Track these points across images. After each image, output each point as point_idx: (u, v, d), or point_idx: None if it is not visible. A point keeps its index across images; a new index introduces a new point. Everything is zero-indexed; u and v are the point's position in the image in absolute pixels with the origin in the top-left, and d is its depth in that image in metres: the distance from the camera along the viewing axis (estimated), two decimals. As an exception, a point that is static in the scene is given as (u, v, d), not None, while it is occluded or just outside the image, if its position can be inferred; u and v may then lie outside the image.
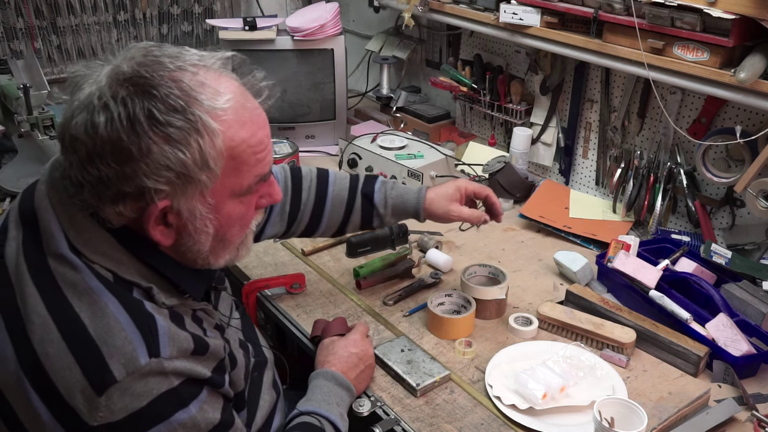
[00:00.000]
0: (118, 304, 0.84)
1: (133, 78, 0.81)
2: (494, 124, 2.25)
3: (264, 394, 1.13)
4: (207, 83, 0.85)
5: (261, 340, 1.24)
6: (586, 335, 1.40)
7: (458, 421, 1.21)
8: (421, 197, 1.39)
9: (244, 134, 0.88)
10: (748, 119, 1.61)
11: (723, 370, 1.31)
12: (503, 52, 2.16)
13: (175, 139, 0.81)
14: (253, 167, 0.91)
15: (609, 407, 1.13)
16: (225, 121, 0.85)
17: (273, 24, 2.22)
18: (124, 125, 0.80)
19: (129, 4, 2.42)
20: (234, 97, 0.88)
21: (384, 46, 2.55)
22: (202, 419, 0.88)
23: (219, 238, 0.92)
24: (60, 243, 0.85)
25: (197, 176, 0.84)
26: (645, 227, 1.81)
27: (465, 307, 1.45)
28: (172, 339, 0.85)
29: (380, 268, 1.61)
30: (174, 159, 0.82)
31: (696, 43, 1.46)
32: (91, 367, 0.80)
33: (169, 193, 0.84)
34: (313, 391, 1.18)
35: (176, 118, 0.81)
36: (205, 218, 0.89)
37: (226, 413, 0.93)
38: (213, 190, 0.87)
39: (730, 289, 1.44)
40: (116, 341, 0.81)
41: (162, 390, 0.83)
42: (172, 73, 0.83)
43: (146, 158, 0.81)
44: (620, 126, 1.88)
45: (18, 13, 2.26)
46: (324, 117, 2.31)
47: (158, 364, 0.83)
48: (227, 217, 0.91)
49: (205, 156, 0.84)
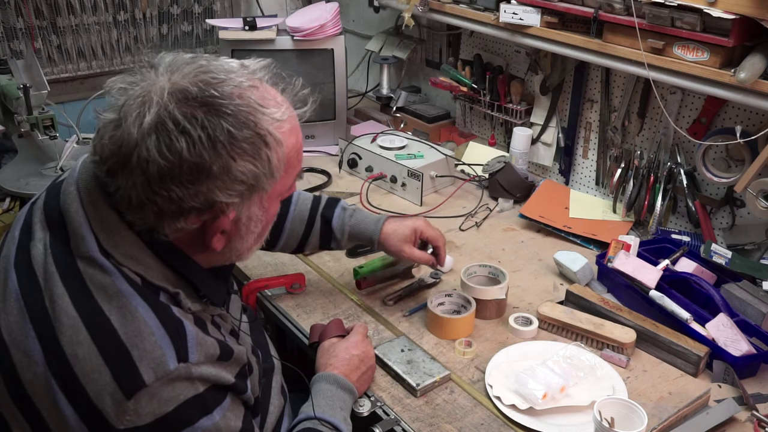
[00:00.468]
0: (147, 308, 0.84)
1: (201, 98, 0.82)
2: (494, 124, 2.25)
3: (273, 400, 1.14)
4: (267, 97, 0.89)
5: (270, 347, 1.25)
6: (586, 335, 1.40)
7: (458, 421, 1.21)
8: (377, 231, 1.43)
9: (293, 141, 0.92)
10: (748, 119, 1.61)
11: (723, 370, 1.31)
12: (503, 52, 2.16)
13: (249, 153, 0.84)
14: (296, 168, 0.95)
15: (609, 407, 1.13)
16: (285, 132, 0.89)
17: (273, 24, 2.22)
18: (206, 147, 0.81)
19: (129, 4, 2.42)
20: (288, 109, 0.92)
21: (384, 46, 2.55)
22: (225, 426, 0.88)
23: (260, 235, 0.96)
24: (90, 245, 0.85)
25: (264, 185, 0.88)
26: (645, 227, 1.81)
27: (465, 307, 1.45)
28: (199, 344, 0.86)
29: (380, 268, 1.61)
30: (248, 172, 0.85)
31: (696, 43, 1.46)
32: (121, 370, 0.81)
33: (238, 204, 0.87)
34: (316, 395, 1.18)
35: (248, 133, 0.84)
36: (258, 221, 0.93)
37: (246, 422, 0.94)
38: (270, 195, 0.92)
39: (730, 289, 1.44)
40: (146, 345, 0.82)
41: (189, 396, 0.84)
42: (235, 89, 0.85)
43: (224, 175, 0.83)
44: (620, 126, 1.88)
45: (18, 13, 2.26)
46: (324, 117, 2.31)
47: (186, 369, 0.83)
48: (271, 217, 0.96)
49: (273, 166, 0.87)
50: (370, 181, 2.04)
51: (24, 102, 1.88)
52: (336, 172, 2.15)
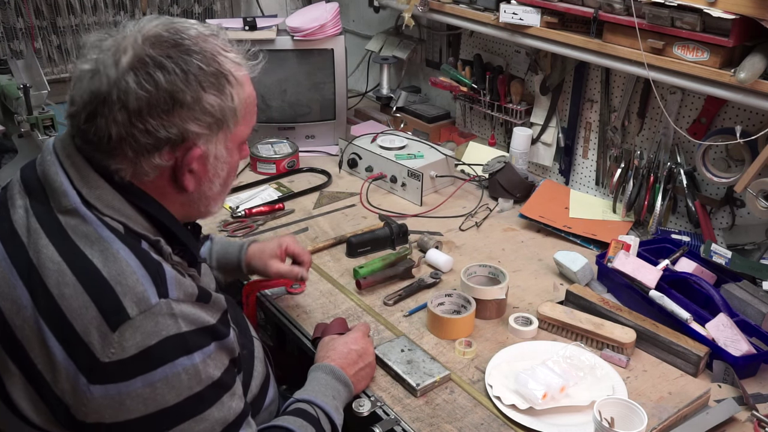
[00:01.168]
0: (128, 251, 0.89)
1: (173, 40, 0.92)
2: (494, 124, 2.25)
3: (257, 366, 1.19)
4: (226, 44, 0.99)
5: (248, 322, 1.29)
6: (586, 335, 1.40)
7: (458, 421, 1.21)
8: (243, 252, 1.46)
9: (250, 90, 1.01)
10: (748, 119, 1.61)
11: (723, 370, 1.31)
12: (503, 52, 2.16)
13: (215, 88, 0.94)
14: (252, 119, 1.03)
15: (609, 407, 1.13)
16: (243, 76, 0.99)
17: (273, 24, 2.22)
18: (180, 78, 0.90)
19: (129, 4, 2.42)
20: (243, 58, 1.00)
21: (384, 46, 2.55)
22: (203, 371, 0.91)
23: (225, 183, 1.04)
24: (73, 198, 0.91)
25: (228, 122, 0.97)
26: (645, 227, 1.81)
27: (465, 307, 1.45)
28: (179, 283, 0.91)
29: (380, 268, 1.61)
30: (216, 105, 0.94)
31: (696, 43, 1.46)
32: (106, 304, 0.85)
33: (207, 137, 0.95)
34: (310, 382, 1.21)
35: (214, 69, 0.94)
36: (224, 162, 1.00)
37: (227, 375, 0.96)
38: (233, 136, 0.99)
39: (730, 289, 1.44)
40: (129, 282, 0.87)
41: (171, 332, 0.87)
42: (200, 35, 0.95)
43: (196, 105, 0.92)
44: (620, 126, 1.88)
45: (18, 13, 2.26)
46: (324, 117, 2.31)
47: (167, 305, 0.88)
48: (234, 163, 1.03)
49: (235, 103, 0.96)
50: (370, 181, 2.04)
51: (24, 102, 1.88)
52: (336, 172, 2.15)
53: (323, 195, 2.03)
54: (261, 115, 2.34)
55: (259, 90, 2.33)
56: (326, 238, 1.78)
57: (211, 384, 0.92)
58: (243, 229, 1.82)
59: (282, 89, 2.26)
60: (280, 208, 1.91)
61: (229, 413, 0.95)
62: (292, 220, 1.89)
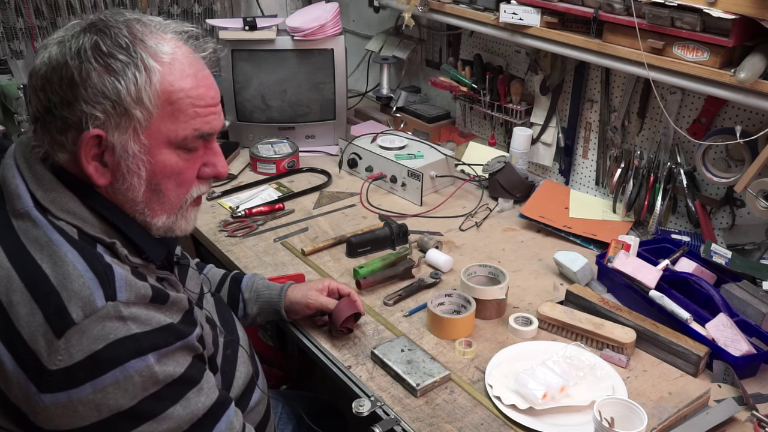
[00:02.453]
0: (77, 254, 0.88)
1: (92, 22, 0.92)
2: (494, 124, 2.25)
3: (240, 367, 1.17)
4: (156, 34, 0.95)
5: (236, 321, 1.28)
6: (586, 335, 1.40)
7: (458, 421, 1.21)
8: (286, 286, 1.43)
9: (184, 84, 0.94)
10: (748, 119, 1.61)
11: (723, 370, 1.31)
12: (503, 52, 2.16)
13: (114, 69, 0.89)
14: (192, 120, 0.95)
15: (609, 407, 1.13)
16: (166, 64, 0.92)
17: (273, 24, 2.22)
18: (71, 52, 0.89)
19: (129, 4, 2.42)
20: (180, 52, 0.95)
21: (384, 46, 2.55)
22: (160, 370, 0.89)
23: (153, 187, 0.96)
24: (26, 201, 0.91)
25: (132, 110, 0.90)
26: (645, 227, 1.81)
27: (465, 307, 1.45)
28: (129, 285, 0.89)
29: (380, 268, 1.61)
30: (111, 87, 0.89)
31: (696, 43, 1.46)
32: (52, 310, 0.84)
33: (104, 122, 0.90)
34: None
35: (119, 52, 0.90)
36: (137, 158, 0.93)
37: (192, 369, 0.94)
38: (148, 131, 0.93)
39: (730, 289, 1.44)
40: (74, 286, 0.85)
41: (119, 335, 0.86)
42: (128, 20, 0.93)
43: (86, 83, 0.88)
44: (620, 126, 1.88)
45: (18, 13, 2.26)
46: (324, 117, 2.31)
47: (115, 307, 0.86)
48: (162, 165, 0.95)
49: (140, 90, 0.90)
50: (370, 181, 2.04)
51: (24, 102, 1.88)
52: (336, 172, 2.15)
53: (323, 195, 2.03)
54: (261, 115, 2.38)
55: (259, 90, 2.35)
56: (326, 238, 1.78)
57: (172, 382, 0.91)
58: (243, 229, 1.82)
59: (282, 89, 2.26)
60: (280, 208, 1.91)
61: (197, 408, 0.94)
62: (292, 220, 1.89)
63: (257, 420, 1.19)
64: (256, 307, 1.42)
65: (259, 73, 2.23)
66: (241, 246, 1.75)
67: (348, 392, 1.30)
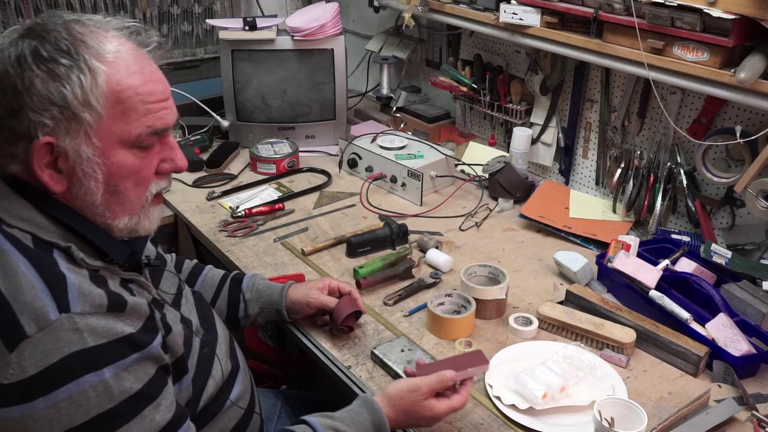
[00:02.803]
0: (28, 264, 0.87)
1: (29, 27, 0.90)
2: (494, 124, 2.25)
3: (216, 366, 1.14)
4: (97, 33, 0.92)
5: (216, 318, 1.25)
6: (586, 335, 1.40)
7: (458, 421, 1.21)
8: (287, 286, 1.41)
9: (132, 81, 0.92)
10: (748, 119, 1.61)
11: (723, 370, 1.31)
12: (503, 52, 2.16)
13: (57, 74, 0.87)
14: (144, 117, 0.94)
15: (609, 407, 1.13)
16: (111, 63, 0.91)
17: (273, 24, 2.22)
18: (11, 61, 0.87)
19: (129, 4, 2.42)
20: (125, 49, 0.93)
21: (384, 46, 2.55)
22: (116, 386, 0.87)
23: (111, 189, 0.95)
24: None
25: (80, 113, 0.89)
26: (645, 227, 1.81)
27: (465, 307, 1.45)
28: (82, 295, 0.87)
29: (380, 268, 1.61)
30: (56, 93, 0.87)
31: (696, 43, 1.46)
32: (4, 324, 0.83)
33: (54, 128, 0.88)
34: (349, 414, 1.12)
35: (61, 56, 0.88)
36: (92, 161, 0.92)
37: (151, 386, 0.92)
38: (100, 133, 0.91)
39: (730, 289, 1.44)
40: (26, 298, 0.84)
41: (74, 348, 0.84)
42: (66, 22, 0.91)
43: (30, 91, 0.87)
44: (620, 126, 1.88)
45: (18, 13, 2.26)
46: (324, 117, 2.31)
47: (69, 319, 0.84)
48: (118, 166, 0.94)
49: (87, 93, 0.88)
50: (370, 181, 2.04)
51: None
52: (336, 172, 2.15)
53: (323, 195, 2.03)
54: (261, 115, 2.37)
55: (259, 90, 2.34)
56: (326, 238, 1.78)
57: (128, 398, 0.88)
58: (243, 229, 1.82)
59: (282, 89, 2.26)
60: (280, 208, 1.91)
61: (152, 426, 0.91)
62: (292, 220, 1.89)
63: (239, 415, 1.18)
64: (257, 308, 1.41)
65: (259, 73, 2.23)
66: (241, 246, 1.75)
67: (348, 392, 1.30)
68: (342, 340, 1.41)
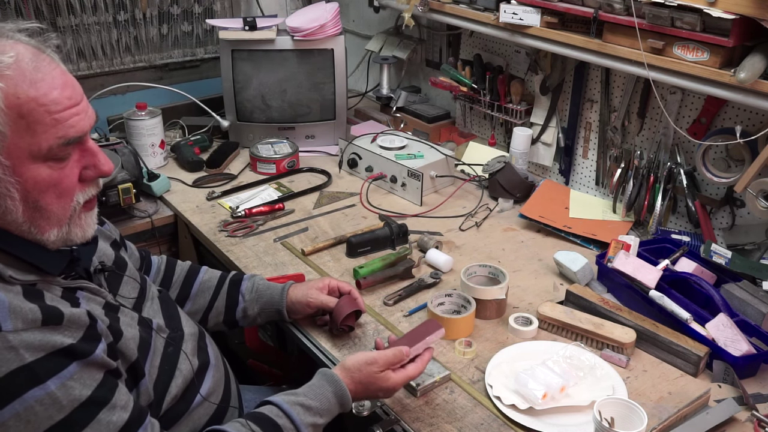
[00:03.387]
0: None
1: None
2: (494, 124, 2.25)
3: (181, 365, 1.13)
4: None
5: (183, 317, 1.25)
6: (586, 335, 1.40)
7: (458, 421, 1.21)
8: (287, 286, 1.41)
9: (33, 92, 0.87)
10: (748, 119, 1.61)
11: (723, 370, 1.31)
12: (503, 52, 2.16)
13: None
14: (52, 128, 0.89)
15: (609, 407, 1.13)
16: (7, 77, 0.85)
17: (273, 24, 2.22)
18: None
19: (129, 4, 2.42)
20: (20, 57, 0.87)
21: (384, 46, 2.55)
22: (64, 396, 0.86)
23: (32, 205, 0.91)
24: None
25: None
26: (645, 227, 1.81)
27: (465, 307, 1.45)
28: (13, 312, 0.85)
29: (380, 268, 1.61)
30: None
31: (696, 43, 1.46)
32: None
33: None
34: (312, 392, 1.14)
35: None
36: (4, 181, 0.88)
37: (101, 389, 0.91)
38: (7, 151, 0.87)
39: (730, 289, 1.44)
40: None
41: (12, 367, 0.83)
42: None
43: None
44: (620, 126, 1.88)
45: (18, 13, 2.26)
46: (324, 117, 2.31)
47: (2, 339, 0.83)
48: (33, 182, 0.90)
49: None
50: (370, 181, 2.04)
51: None
52: (336, 172, 2.15)
53: (323, 195, 2.03)
54: (261, 115, 2.37)
55: (259, 90, 2.34)
56: (326, 238, 1.78)
57: (80, 406, 0.88)
58: (243, 229, 1.82)
59: (282, 89, 2.26)
60: (280, 208, 1.91)
61: (110, 428, 0.90)
62: (292, 220, 1.89)
63: (211, 411, 1.17)
64: (257, 308, 1.41)
65: (259, 73, 2.23)
66: (241, 246, 1.75)
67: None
68: (342, 340, 1.41)
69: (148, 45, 2.50)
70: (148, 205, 1.98)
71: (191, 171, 2.15)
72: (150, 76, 2.49)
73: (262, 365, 1.89)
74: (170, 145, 2.26)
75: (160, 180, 2.01)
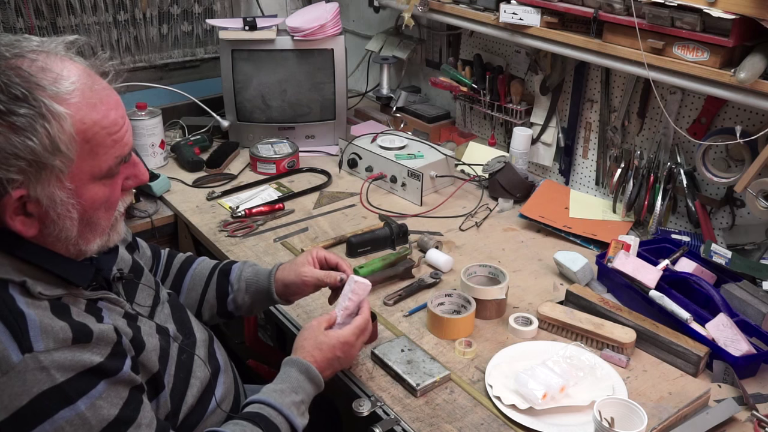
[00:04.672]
0: None
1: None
2: (494, 124, 2.25)
3: (196, 373, 1.13)
4: (48, 68, 0.86)
5: (193, 322, 1.24)
6: (586, 335, 1.40)
7: (458, 421, 1.21)
8: (274, 269, 1.35)
9: (95, 116, 0.88)
10: (748, 119, 1.61)
11: (723, 370, 1.31)
12: (503, 52, 2.16)
13: (20, 127, 0.82)
14: (111, 149, 0.91)
15: (609, 407, 1.13)
16: (72, 104, 0.86)
17: (273, 24, 2.22)
18: None
19: (129, 4, 2.42)
20: (79, 80, 0.88)
21: (384, 46, 2.55)
22: (93, 416, 0.87)
23: (86, 222, 0.93)
24: None
25: (50, 162, 0.85)
26: (645, 227, 1.81)
27: (465, 307, 1.45)
28: (44, 331, 0.85)
29: (380, 268, 1.61)
30: (22, 147, 0.83)
31: (696, 43, 1.46)
32: None
33: (23, 181, 0.85)
34: (283, 380, 1.16)
35: (18, 105, 0.82)
36: (66, 204, 0.89)
37: (128, 409, 0.91)
38: (71, 175, 0.88)
39: (730, 289, 1.44)
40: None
41: (44, 388, 0.83)
42: (8, 61, 0.84)
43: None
44: (620, 126, 1.88)
45: (18, 13, 2.26)
46: (324, 117, 2.31)
47: (33, 359, 0.83)
48: (91, 201, 0.92)
49: (55, 141, 0.84)
50: (370, 181, 2.04)
51: None
52: (336, 172, 2.15)
53: (323, 195, 2.03)
54: (261, 115, 2.37)
55: (259, 90, 2.34)
56: (326, 238, 1.78)
57: (108, 426, 0.88)
58: (243, 229, 1.82)
59: (282, 89, 2.26)
60: (280, 208, 1.91)
61: None
62: (292, 220, 1.89)
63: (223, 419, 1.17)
64: (248, 297, 1.36)
65: (259, 73, 2.23)
66: (241, 246, 1.75)
67: (348, 392, 1.31)
68: (342, 340, 1.41)
69: (148, 45, 2.50)
70: (148, 205, 1.98)
71: (191, 171, 2.15)
72: (150, 76, 2.49)
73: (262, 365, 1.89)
74: (170, 145, 2.26)
75: (160, 180, 2.01)
